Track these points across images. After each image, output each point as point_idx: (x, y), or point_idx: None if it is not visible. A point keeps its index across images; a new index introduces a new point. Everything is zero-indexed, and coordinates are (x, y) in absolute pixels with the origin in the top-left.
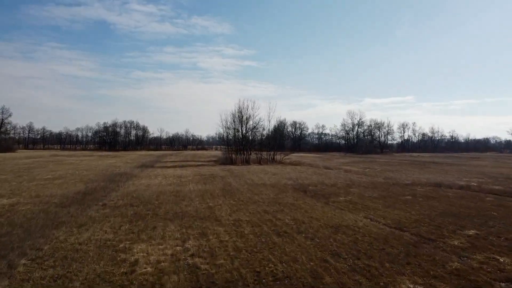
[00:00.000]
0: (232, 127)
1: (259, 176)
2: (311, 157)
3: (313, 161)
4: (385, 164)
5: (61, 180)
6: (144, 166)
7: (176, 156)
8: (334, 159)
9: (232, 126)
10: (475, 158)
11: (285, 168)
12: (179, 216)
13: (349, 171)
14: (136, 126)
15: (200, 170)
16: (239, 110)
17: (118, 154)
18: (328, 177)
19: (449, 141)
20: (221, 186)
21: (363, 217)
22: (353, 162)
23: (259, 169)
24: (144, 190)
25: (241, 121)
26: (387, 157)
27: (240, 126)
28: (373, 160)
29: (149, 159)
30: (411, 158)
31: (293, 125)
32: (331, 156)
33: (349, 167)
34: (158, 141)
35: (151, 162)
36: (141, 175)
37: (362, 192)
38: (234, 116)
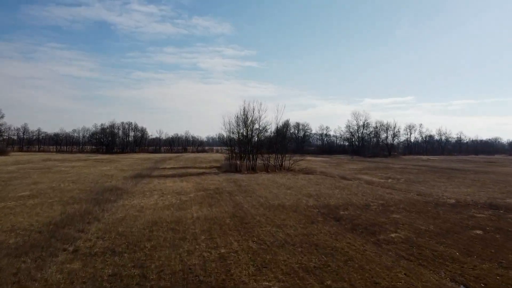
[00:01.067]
0: (236, 130)
1: (272, 191)
2: (318, 161)
3: (323, 167)
4: (404, 172)
5: (37, 200)
6: (140, 175)
7: (176, 161)
8: (344, 164)
9: (236, 129)
10: (492, 162)
11: (297, 178)
12: (179, 280)
13: (371, 183)
14: (134, 128)
15: (202, 181)
16: (244, 112)
17: (114, 158)
18: (352, 192)
19: (456, 142)
20: (231, 210)
21: (449, 279)
22: (366, 168)
23: (269, 179)
24: (135, 219)
25: (246, 124)
26: (398, 161)
27: (246, 130)
28: (386, 165)
29: (146, 165)
30: (425, 163)
31: (296, 126)
32: (339, 160)
33: (368, 176)
34: (158, 142)
35: (148, 169)
36: (135, 190)
37: (412, 221)
38: (238, 119)
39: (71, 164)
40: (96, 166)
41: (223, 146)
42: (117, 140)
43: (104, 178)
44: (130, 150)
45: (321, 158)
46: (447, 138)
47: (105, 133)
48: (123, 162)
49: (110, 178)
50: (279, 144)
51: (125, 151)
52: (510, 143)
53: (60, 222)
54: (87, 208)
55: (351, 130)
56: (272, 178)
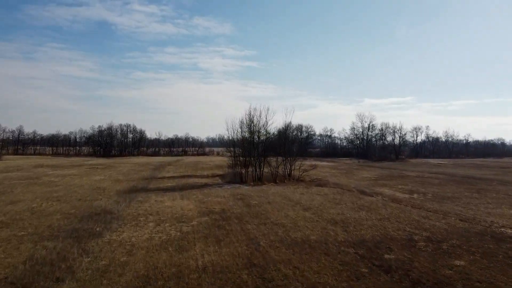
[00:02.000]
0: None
1: (288, 215)
2: (326, 167)
3: (333, 174)
4: (424, 183)
5: (5, 233)
6: (135, 189)
7: (175, 167)
8: (354, 171)
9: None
10: (506, 168)
11: (311, 193)
12: None
13: (396, 200)
14: (133, 130)
15: (205, 198)
16: (249, 118)
17: (110, 163)
18: (382, 215)
19: (462, 144)
20: (245, 252)
21: None
22: (380, 176)
23: (280, 195)
24: (122, 269)
25: (252, 131)
26: (409, 167)
27: (252, 138)
28: (400, 173)
29: (144, 173)
30: (439, 169)
31: (299, 128)
32: (347, 166)
33: (388, 189)
34: (157, 143)
35: (145, 179)
36: (127, 214)
37: (487, 274)
38: (243, 124)
39: (63, 172)
40: (89, 175)
41: (224, 147)
42: (115, 142)
43: (94, 193)
44: (129, 153)
45: (327, 163)
46: (454, 140)
47: (102, 135)
48: (119, 169)
49: (102, 192)
50: (282, 148)
51: (123, 154)
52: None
53: (19, 279)
54: (62, 248)
55: (356, 132)
56: (283, 193)
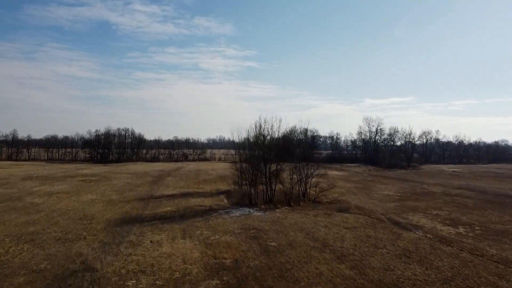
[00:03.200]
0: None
1: (321, 272)
2: (338, 178)
3: (350, 191)
4: (460, 205)
5: None
6: (128, 218)
7: (175, 178)
8: (370, 184)
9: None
10: None
11: (337, 227)
12: None
13: (446, 240)
14: (131, 134)
15: (213, 238)
16: (259, 131)
17: (106, 174)
18: (443, 274)
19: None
20: None
21: None
22: (403, 194)
23: (300, 229)
24: None
25: (262, 144)
26: (426, 178)
27: (262, 153)
28: (423, 188)
29: (140, 191)
30: (461, 182)
31: (303, 131)
32: (359, 177)
33: (424, 217)
34: (157, 145)
35: (141, 201)
36: (111, 272)
37: None
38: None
39: (51, 189)
40: (80, 193)
41: (226, 148)
42: (113, 147)
43: (79, 226)
44: (127, 158)
45: (337, 172)
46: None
47: (99, 140)
48: (114, 182)
49: (88, 225)
50: (284, 151)
51: (122, 160)
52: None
53: None
54: None
55: (363, 137)
56: (303, 225)
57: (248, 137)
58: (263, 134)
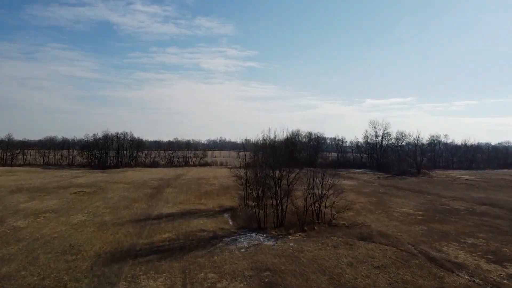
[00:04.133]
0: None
1: None
2: (348, 189)
3: (365, 207)
4: (493, 230)
5: None
6: (120, 252)
7: (175, 190)
8: (384, 198)
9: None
10: None
11: (366, 265)
12: None
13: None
14: (130, 139)
15: (219, 286)
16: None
17: (102, 184)
18: None
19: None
20: None
21: None
22: (425, 213)
23: (321, 269)
24: None
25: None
26: (443, 190)
27: (273, 171)
28: (443, 204)
29: (137, 208)
30: (483, 195)
31: (307, 136)
32: (371, 187)
33: (460, 249)
34: (157, 145)
35: (137, 223)
36: None
37: None
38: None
39: (40, 206)
40: (70, 211)
41: (225, 149)
42: (111, 152)
43: (61, 264)
44: (125, 164)
45: (346, 181)
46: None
47: (97, 145)
48: (109, 196)
49: (72, 261)
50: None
51: (120, 165)
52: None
53: None
54: None
55: (369, 141)
56: (325, 264)
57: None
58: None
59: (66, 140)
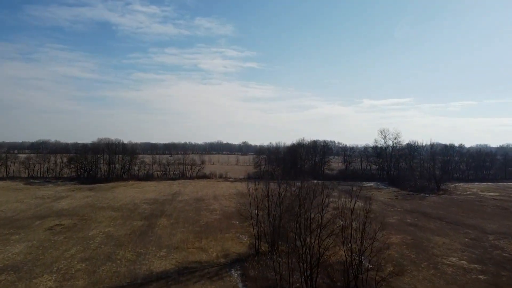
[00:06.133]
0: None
1: None
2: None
3: (404, 254)
4: None
5: None
6: None
7: (170, 220)
8: (416, 232)
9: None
10: None
11: None
12: None
13: None
14: (122, 149)
15: None
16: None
17: (87, 210)
18: None
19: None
20: None
21: None
22: (475, 257)
23: None
24: None
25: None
26: (470, 211)
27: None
28: (499, 249)
29: (121, 259)
30: None
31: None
32: (391, 211)
33: None
34: (154, 148)
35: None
36: None
37: None
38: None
39: (7, 249)
40: (32, 272)
41: (224, 151)
42: (102, 165)
43: None
44: (117, 177)
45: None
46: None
47: (86, 159)
48: (91, 233)
49: None
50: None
51: (111, 178)
52: None
53: None
54: None
55: (379, 151)
56: None
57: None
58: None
59: (58, 143)
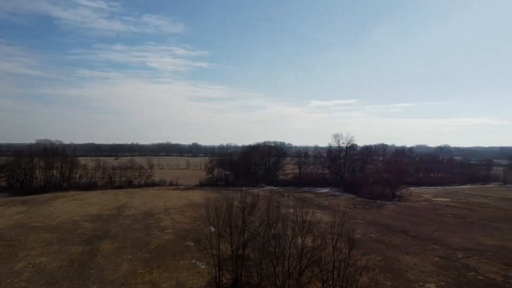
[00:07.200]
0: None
1: None
2: (325, 223)
3: (376, 279)
4: None
5: None
6: None
7: (116, 244)
8: (383, 249)
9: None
10: None
11: None
12: None
13: None
14: (61, 154)
15: None
16: None
17: (13, 234)
18: None
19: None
20: None
21: None
22: (451, 282)
23: None
24: None
25: None
26: (428, 220)
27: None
28: (469, 269)
29: None
30: (499, 244)
31: (265, 146)
32: (355, 225)
33: None
34: (98, 150)
35: None
36: None
37: None
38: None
39: None
40: None
41: (173, 152)
42: (39, 172)
43: None
44: (56, 187)
45: (321, 213)
46: (438, 160)
47: (19, 166)
48: (18, 266)
49: None
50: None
51: (49, 189)
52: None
53: None
54: None
55: (333, 156)
56: None
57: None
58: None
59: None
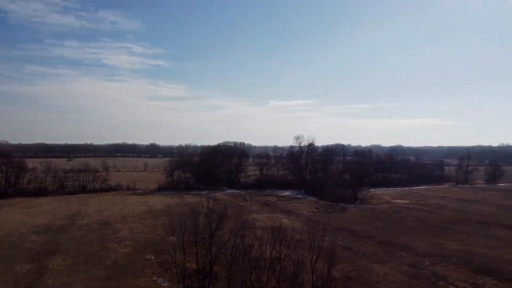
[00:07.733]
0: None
1: None
2: (293, 229)
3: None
4: None
5: None
6: None
7: (68, 258)
8: (356, 259)
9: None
10: None
11: None
12: None
13: None
14: (7, 155)
15: None
16: None
17: None
18: None
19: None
20: None
21: None
22: None
23: None
24: None
25: None
26: (391, 224)
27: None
28: (440, 277)
29: None
30: (465, 253)
31: (225, 146)
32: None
33: None
34: (50, 150)
35: None
36: None
37: None
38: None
39: None
40: None
41: (130, 153)
42: None
43: None
44: (1, 193)
45: (285, 219)
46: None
47: None
48: None
49: None
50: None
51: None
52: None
53: None
54: None
55: (295, 157)
56: None
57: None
58: None
59: None
